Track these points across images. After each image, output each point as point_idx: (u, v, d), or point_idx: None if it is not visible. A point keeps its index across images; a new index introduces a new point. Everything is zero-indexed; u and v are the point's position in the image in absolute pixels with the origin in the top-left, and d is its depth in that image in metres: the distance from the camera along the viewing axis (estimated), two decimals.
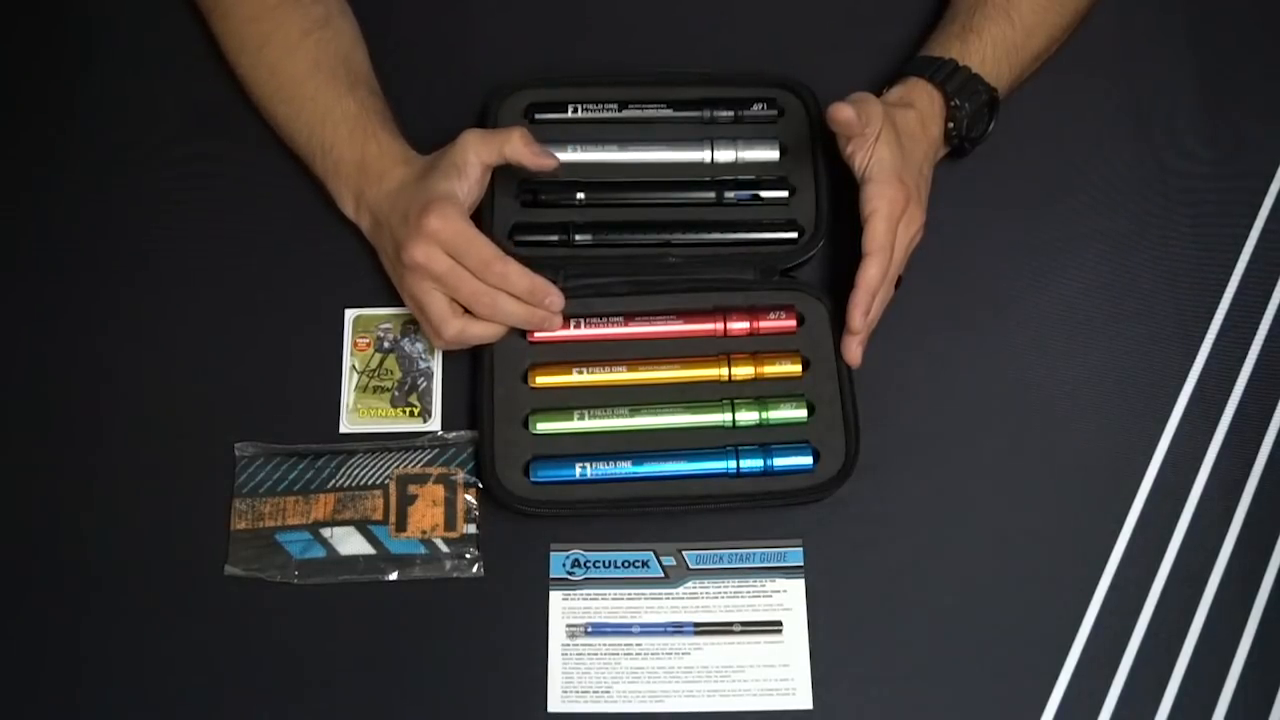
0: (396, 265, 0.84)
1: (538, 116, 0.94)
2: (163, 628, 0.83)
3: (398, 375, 0.89)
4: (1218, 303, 0.91)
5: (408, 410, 0.88)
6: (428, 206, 0.81)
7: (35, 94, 0.98)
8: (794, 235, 0.91)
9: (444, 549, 0.84)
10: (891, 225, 0.83)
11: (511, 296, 0.83)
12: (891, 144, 0.84)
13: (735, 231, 0.92)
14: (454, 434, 0.87)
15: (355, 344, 0.90)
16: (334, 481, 0.85)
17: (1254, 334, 0.91)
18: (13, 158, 0.96)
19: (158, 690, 0.81)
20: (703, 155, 0.93)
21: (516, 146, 0.83)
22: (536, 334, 0.87)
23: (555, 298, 0.84)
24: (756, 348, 0.88)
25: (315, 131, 0.88)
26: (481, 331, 0.84)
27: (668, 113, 0.95)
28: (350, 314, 0.90)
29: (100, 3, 1.01)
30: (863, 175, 0.84)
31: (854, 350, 0.85)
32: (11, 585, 0.84)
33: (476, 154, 0.84)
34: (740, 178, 0.93)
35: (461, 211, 0.82)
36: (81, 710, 0.81)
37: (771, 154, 0.94)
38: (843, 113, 0.82)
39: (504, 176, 0.92)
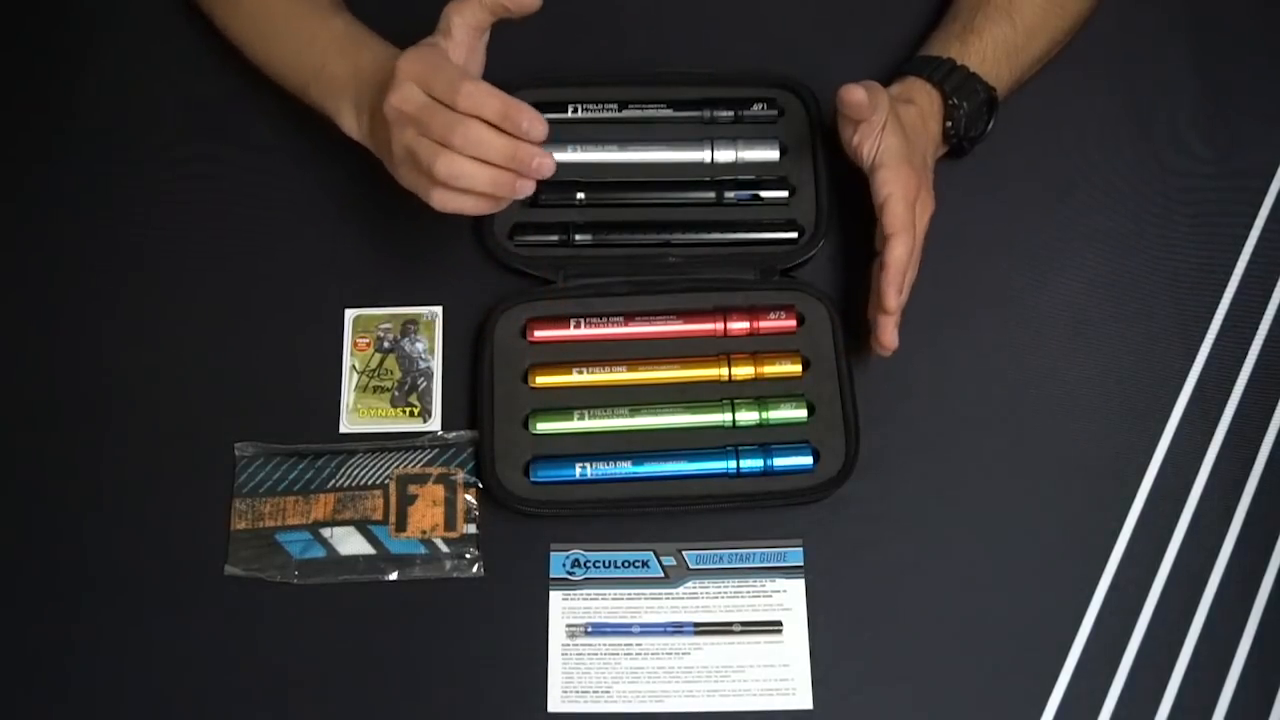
0: (385, 132, 0.79)
1: None
2: (163, 628, 0.83)
3: (398, 375, 0.89)
4: (1218, 303, 0.91)
5: (408, 410, 0.88)
6: (402, 55, 0.77)
7: (35, 94, 0.98)
8: (794, 235, 0.91)
9: (444, 549, 0.84)
10: (909, 206, 0.83)
11: (488, 126, 0.75)
12: (898, 132, 0.84)
13: (735, 231, 0.92)
14: (454, 434, 0.87)
15: (355, 344, 0.90)
16: (334, 481, 0.85)
17: (1254, 334, 0.91)
18: (13, 158, 0.96)
19: (157, 690, 0.81)
20: (703, 155, 0.93)
21: None
22: (525, 182, 0.76)
23: (534, 122, 0.74)
24: (756, 348, 0.88)
25: (304, 56, 0.87)
26: (473, 171, 0.76)
27: (668, 113, 0.95)
28: (350, 314, 0.90)
29: (100, 3, 1.01)
30: (872, 162, 0.84)
31: (890, 333, 0.83)
32: (12, 585, 0.84)
33: (459, 14, 0.79)
34: (740, 178, 0.93)
35: (437, 50, 0.78)
36: (81, 710, 0.81)
37: (771, 154, 0.94)
38: (854, 94, 0.81)
39: None
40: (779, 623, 0.83)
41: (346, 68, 0.85)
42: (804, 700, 0.81)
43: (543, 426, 0.86)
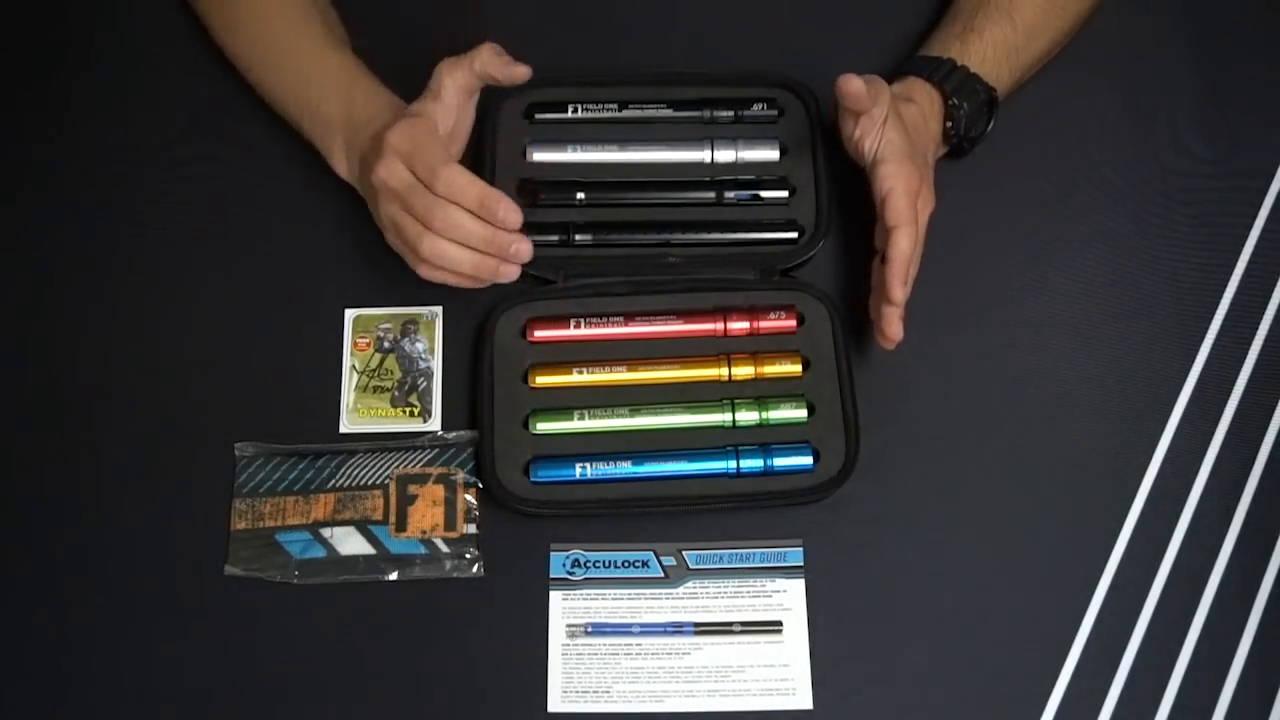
0: (372, 201, 0.84)
1: (538, 116, 0.94)
2: (163, 628, 0.83)
3: (398, 375, 0.89)
4: (1218, 303, 0.91)
5: (408, 410, 0.88)
6: (391, 124, 0.81)
7: (35, 94, 0.98)
8: (794, 235, 0.91)
9: (444, 549, 0.84)
10: (912, 200, 0.83)
11: (467, 212, 0.79)
12: (900, 129, 0.84)
13: (735, 231, 0.92)
14: (454, 434, 0.87)
15: (355, 344, 0.90)
16: (334, 481, 0.85)
17: (1254, 334, 0.91)
18: (12, 158, 0.96)
19: (157, 690, 0.81)
20: (703, 155, 0.93)
21: (485, 59, 0.83)
22: (508, 268, 0.82)
23: (509, 212, 0.79)
24: (756, 348, 0.88)
25: (300, 94, 0.88)
26: (456, 254, 0.81)
27: (668, 113, 0.95)
28: (350, 314, 0.90)
29: (100, 3, 1.01)
30: (874, 157, 0.84)
31: (894, 324, 0.83)
32: (11, 584, 0.84)
33: (450, 76, 0.83)
34: (740, 178, 0.93)
35: (426, 125, 0.81)
36: (81, 710, 0.81)
37: (771, 154, 0.94)
38: (852, 84, 0.81)
39: (504, 176, 0.92)
40: (779, 623, 0.83)
41: (339, 110, 0.87)
42: (804, 700, 0.81)
43: (543, 426, 0.86)
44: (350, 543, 0.84)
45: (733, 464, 0.85)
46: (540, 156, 0.93)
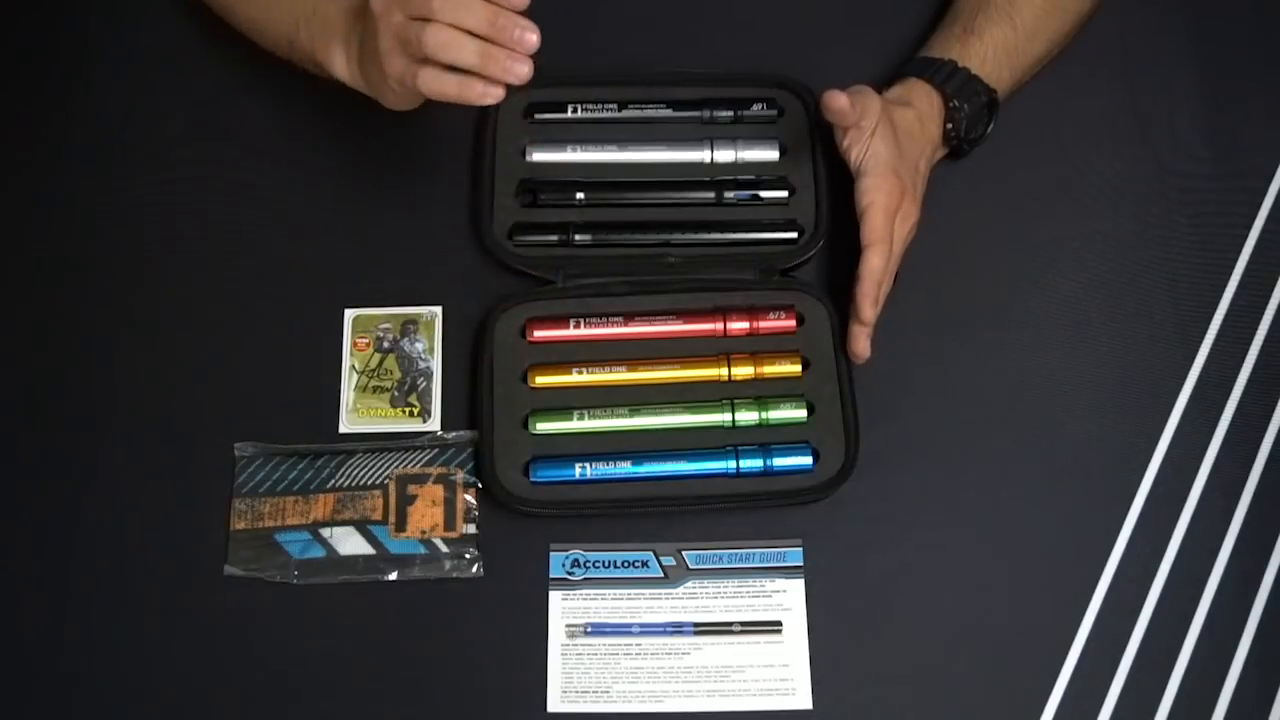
0: (374, 42, 0.79)
1: (537, 116, 0.95)
2: (163, 628, 0.83)
3: (397, 375, 0.89)
4: (1218, 303, 0.91)
5: (407, 410, 0.88)
6: None
7: (35, 94, 0.98)
8: (794, 235, 0.91)
9: (444, 549, 0.84)
10: (889, 217, 0.83)
11: None
12: (888, 139, 0.84)
13: (735, 231, 0.92)
14: (454, 434, 0.87)
15: (355, 344, 0.90)
16: (334, 481, 0.85)
17: (1254, 334, 0.91)
18: (12, 158, 0.96)
19: (157, 690, 0.81)
20: (702, 155, 0.93)
21: None
22: (514, 61, 0.74)
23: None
24: (756, 348, 0.88)
25: (296, 4, 0.87)
26: (459, 40, 0.74)
27: (667, 113, 0.95)
28: (350, 314, 0.90)
29: (100, 3, 1.01)
30: (858, 169, 0.84)
31: (862, 343, 0.85)
32: (11, 584, 0.84)
33: None
34: (740, 178, 0.93)
35: None
36: (81, 710, 0.81)
37: (771, 154, 0.94)
38: (837, 100, 0.82)
39: (504, 176, 0.92)
40: (779, 623, 0.83)
41: (338, 7, 0.85)
42: (804, 700, 0.81)
43: (542, 426, 0.86)
44: (350, 543, 0.84)
45: (732, 464, 0.85)
46: (540, 156, 0.93)
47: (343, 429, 0.88)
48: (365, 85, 0.84)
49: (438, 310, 0.90)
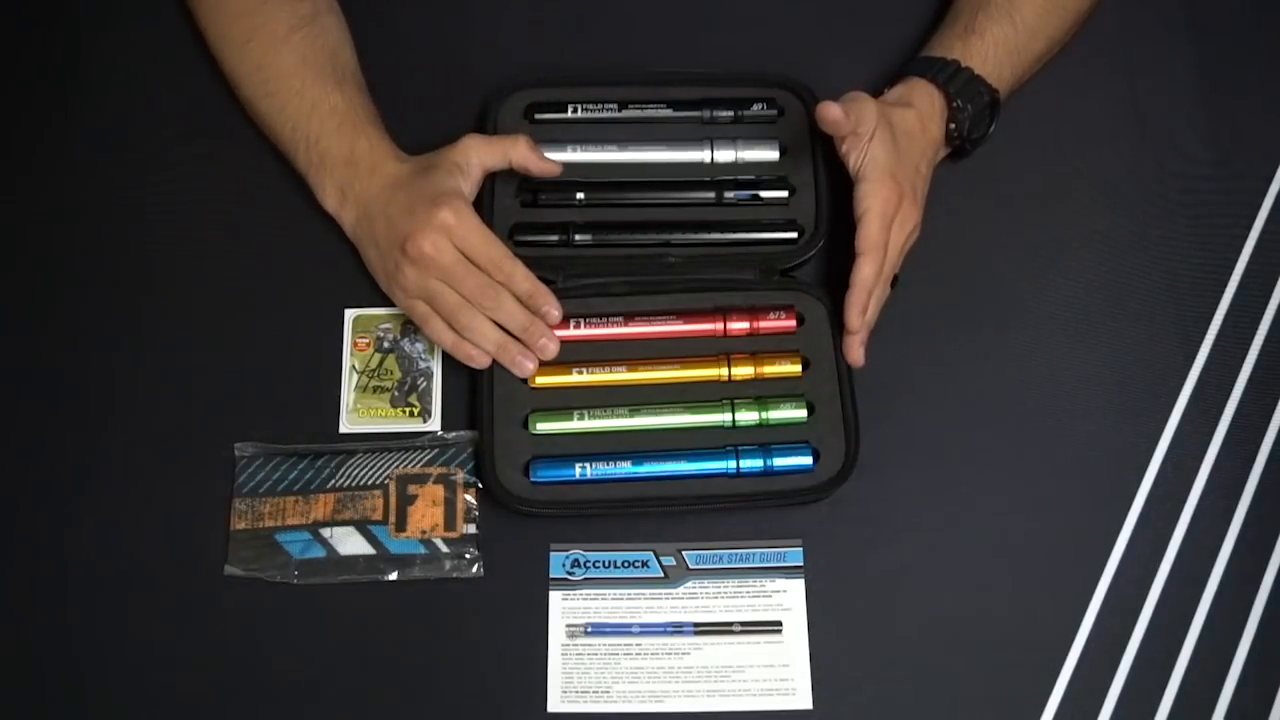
0: (390, 257, 0.84)
1: (538, 116, 0.94)
2: (163, 628, 0.83)
3: (398, 375, 0.89)
4: (1218, 303, 0.91)
5: (408, 410, 0.88)
6: (439, 200, 0.82)
7: (35, 95, 0.98)
8: (794, 235, 0.91)
9: (444, 549, 0.84)
10: (885, 224, 0.83)
11: (512, 297, 0.84)
12: (886, 143, 0.84)
13: (735, 231, 0.92)
14: (454, 434, 0.87)
15: (355, 344, 0.90)
16: (334, 481, 0.85)
17: (1254, 334, 0.91)
18: (12, 158, 0.96)
19: (157, 690, 0.81)
20: (702, 155, 0.93)
21: (523, 152, 0.86)
22: (526, 359, 0.85)
23: (554, 308, 0.85)
24: (756, 348, 0.88)
25: (301, 125, 0.88)
26: (487, 331, 0.84)
27: (667, 113, 0.95)
28: (350, 314, 0.90)
29: (100, 2, 1.01)
30: (856, 174, 0.85)
31: (855, 350, 0.85)
32: (11, 585, 0.84)
33: (479, 157, 0.85)
34: (740, 178, 0.93)
35: (471, 208, 0.83)
36: (81, 710, 0.81)
37: (771, 154, 0.94)
38: (830, 112, 0.82)
39: (504, 177, 0.92)
40: (779, 623, 0.83)
41: (341, 149, 0.87)
42: (804, 700, 0.81)
43: (543, 426, 0.86)
44: (350, 543, 0.84)
45: (732, 464, 0.85)
46: None
47: (343, 429, 0.88)
48: (354, 238, 0.88)
49: None
